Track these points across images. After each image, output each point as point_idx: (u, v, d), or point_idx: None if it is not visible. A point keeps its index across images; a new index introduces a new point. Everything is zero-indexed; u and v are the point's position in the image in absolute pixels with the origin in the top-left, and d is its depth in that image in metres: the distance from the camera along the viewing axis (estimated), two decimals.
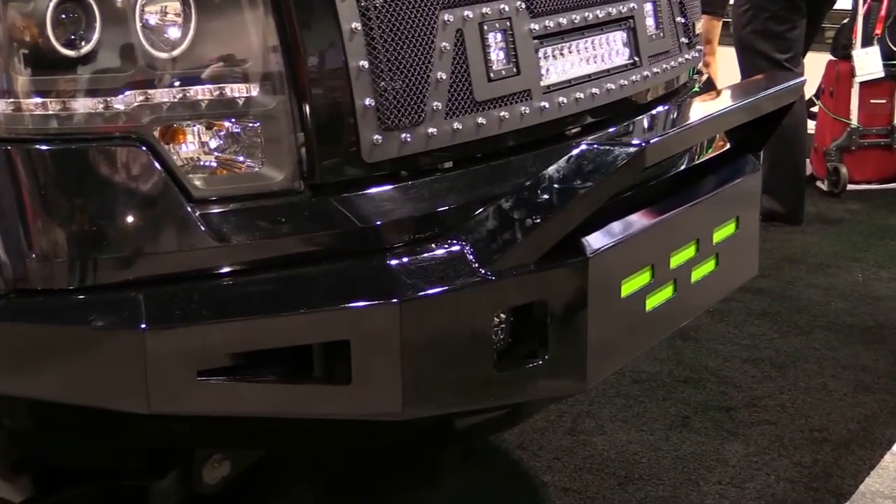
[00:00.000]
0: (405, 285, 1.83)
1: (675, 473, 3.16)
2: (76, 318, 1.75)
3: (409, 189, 1.97)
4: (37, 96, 1.74)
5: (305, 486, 3.09)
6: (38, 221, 1.75)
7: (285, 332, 1.80)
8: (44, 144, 1.75)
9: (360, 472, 3.15)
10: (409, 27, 1.93)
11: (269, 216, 1.85)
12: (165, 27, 1.78)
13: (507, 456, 3.26)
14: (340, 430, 2.10)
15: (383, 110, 1.90)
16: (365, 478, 3.13)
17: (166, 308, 1.75)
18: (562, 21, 2.21)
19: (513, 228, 1.92)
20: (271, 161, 1.85)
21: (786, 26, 5.09)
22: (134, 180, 1.78)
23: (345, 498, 3.05)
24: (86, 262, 1.76)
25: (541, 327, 1.94)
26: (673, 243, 2.19)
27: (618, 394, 3.61)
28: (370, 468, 3.17)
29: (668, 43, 2.53)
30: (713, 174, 2.41)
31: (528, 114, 2.12)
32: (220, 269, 1.81)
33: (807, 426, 3.43)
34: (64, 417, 1.94)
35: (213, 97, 1.81)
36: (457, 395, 1.90)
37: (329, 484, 3.10)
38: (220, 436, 2.09)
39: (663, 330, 2.30)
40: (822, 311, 4.31)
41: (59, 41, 1.73)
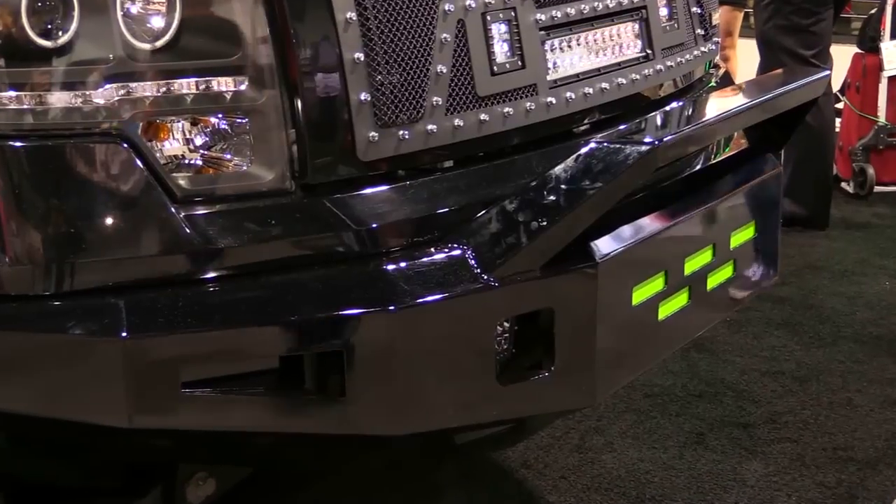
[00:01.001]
0: (402, 292, 1.83)
1: (689, 494, 3.17)
2: (52, 325, 1.76)
3: (407, 189, 1.97)
4: (11, 89, 1.75)
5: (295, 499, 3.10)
6: (11, 223, 1.76)
7: (275, 342, 1.81)
8: (18, 141, 1.76)
9: (353, 492, 3.16)
10: (408, 17, 1.94)
11: (259, 218, 1.85)
12: (148, 16, 1.79)
13: (511, 475, 3.26)
14: (333, 447, 2.11)
15: (380, 106, 1.91)
16: (359, 497, 3.14)
17: (148, 315, 1.76)
18: (570, 11, 2.21)
19: (517, 232, 1.93)
20: (261, 159, 1.86)
21: (811, 20, 5.09)
22: (114, 179, 1.79)
23: None
24: (63, 267, 1.77)
25: (547, 337, 1.95)
26: (687, 248, 2.20)
27: (628, 409, 3.61)
28: (364, 487, 3.17)
29: (682, 35, 2.54)
30: (731, 175, 2.41)
31: (534, 110, 2.13)
32: (206, 274, 1.82)
33: (830, 444, 3.43)
34: (39, 432, 1.95)
35: (198, 91, 1.82)
36: (457, 410, 1.90)
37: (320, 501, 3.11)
38: (204, 451, 2.10)
39: (677, 340, 2.31)
40: (846, 322, 4.32)
41: (35, 31, 1.73)
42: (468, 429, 2.09)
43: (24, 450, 2.10)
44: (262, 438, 1.97)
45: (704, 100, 2.60)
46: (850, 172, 5.87)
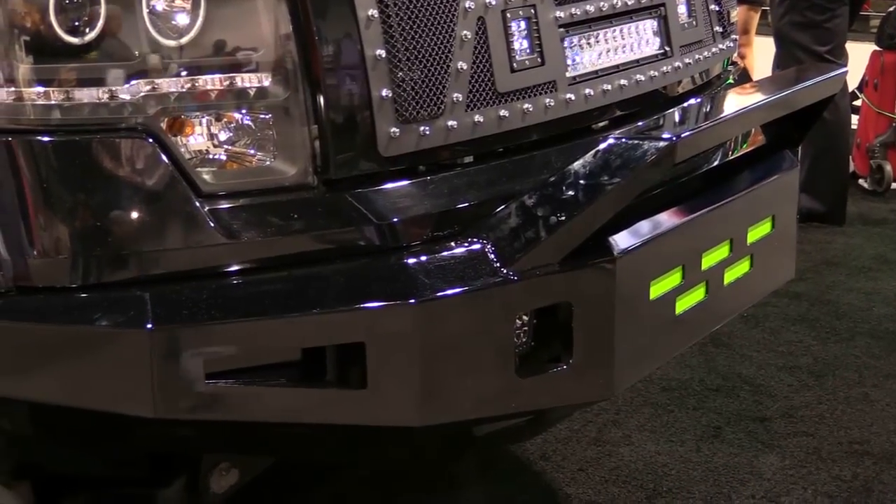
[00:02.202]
0: (423, 285, 1.84)
1: (706, 486, 3.17)
2: (79, 317, 1.77)
3: (427, 184, 1.98)
4: (39, 85, 1.77)
5: (316, 497, 3.11)
6: (39, 216, 1.77)
7: (297, 334, 1.82)
8: (46, 136, 1.78)
9: (373, 484, 3.17)
10: (429, 14, 1.95)
11: (281, 212, 1.86)
12: (173, 13, 1.80)
13: (529, 467, 3.27)
14: (354, 438, 2.11)
15: (401, 102, 1.91)
16: (379, 489, 3.15)
17: (173, 307, 1.77)
18: (589, 8, 2.22)
19: (536, 226, 1.93)
20: (283, 154, 1.87)
21: (826, 16, 5.07)
22: (140, 174, 1.80)
23: None
24: (90, 260, 1.78)
25: (565, 330, 1.95)
26: (705, 243, 2.20)
27: (645, 402, 3.61)
28: (384, 480, 3.18)
29: (701, 32, 2.54)
30: (748, 170, 2.41)
31: (553, 106, 2.14)
32: (230, 267, 1.83)
33: (846, 438, 3.43)
34: (66, 421, 1.96)
35: (222, 87, 1.83)
36: (477, 402, 1.91)
37: (341, 497, 3.12)
38: (228, 442, 2.11)
39: (694, 334, 2.31)
40: (863, 317, 4.31)
41: (63, 28, 1.75)
42: (487, 421, 2.10)
43: (51, 440, 2.11)
44: (285, 429, 1.98)
45: (722, 97, 2.60)
46: (868, 169, 5.85)
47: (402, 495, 3.13)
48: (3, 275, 1.76)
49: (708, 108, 2.53)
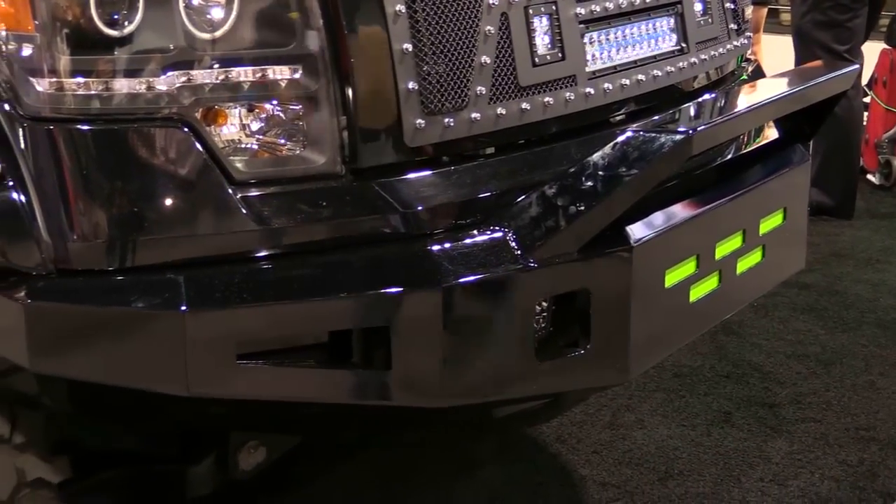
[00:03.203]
0: (447, 271, 1.84)
1: (716, 469, 3.17)
2: (116, 299, 1.78)
3: (451, 174, 1.98)
4: (79, 76, 1.77)
5: (339, 475, 3.12)
6: (79, 202, 1.78)
7: (325, 317, 1.83)
8: (85, 124, 1.79)
9: (393, 464, 3.18)
10: (454, 10, 1.95)
11: (310, 199, 1.87)
12: (208, 7, 1.81)
13: (546, 449, 3.27)
14: (378, 418, 2.13)
15: (426, 94, 1.92)
16: (400, 469, 3.16)
17: (206, 290, 1.78)
18: (608, 5, 2.22)
19: (556, 216, 1.93)
20: (313, 144, 1.88)
21: (847, 15, 5.06)
22: (175, 162, 1.81)
23: (379, 490, 3.08)
24: (126, 244, 1.79)
25: (583, 316, 1.95)
26: (719, 233, 2.20)
27: (658, 388, 3.62)
28: (404, 460, 3.19)
29: (716, 29, 2.53)
30: (761, 164, 2.41)
31: (573, 100, 2.14)
32: (261, 252, 1.84)
33: (853, 424, 3.42)
34: (101, 399, 1.98)
35: (255, 79, 1.84)
36: (497, 384, 1.91)
37: (363, 475, 3.13)
38: (256, 420, 2.12)
39: (707, 322, 2.31)
40: (870, 308, 4.30)
41: (102, 21, 1.76)
42: (507, 403, 2.11)
43: (88, 416, 2.13)
44: (312, 409, 1.99)
45: (736, 92, 2.59)
46: (876, 164, 5.83)
47: (421, 474, 3.15)
48: (45, 257, 1.77)
49: (722, 102, 2.53)
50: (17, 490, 1.93)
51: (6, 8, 1.76)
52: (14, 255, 1.77)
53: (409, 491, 3.06)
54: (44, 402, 1.98)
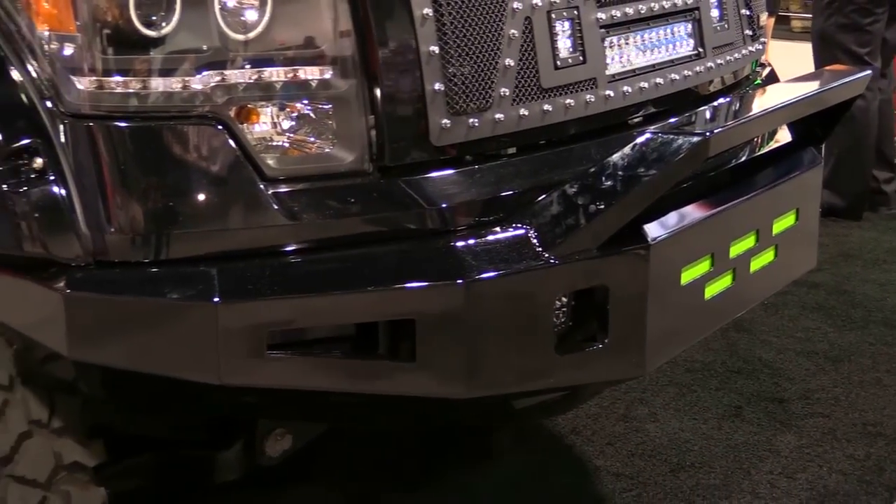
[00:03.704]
0: (470, 267, 1.85)
1: (726, 462, 3.17)
2: (152, 290, 1.78)
3: (474, 173, 1.99)
4: (118, 75, 1.78)
5: (359, 462, 3.13)
6: (116, 196, 1.79)
7: (352, 310, 1.83)
8: (123, 121, 1.79)
9: (412, 453, 3.18)
10: (479, 14, 1.95)
11: (339, 196, 1.88)
12: (242, 10, 1.81)
13: (561, 440, 3.28)
14: (400, 408, 2.13)
15: (452, 95, 1.92)
16: (418, 458, 3.17)
17: (238, 283, 1.78)
18: (628, 11, 2.22)
19: (576, 214, 1.94)
20: (342, 142, 1.88)
21: (869, 19, 5.05)
22: (209, 158, 1.82)
23: (399, 477, 3.09)
24: (162, 237, 1.80)
25: (601, 312, 1.95)
26: (733, 233, 2.20)
27: (671, 382, 3.61)
28: (423, 448, 3.20)
29: (732, 35, 2.53)
30: (775, 166, 2.40)
31: (593, 102, 2.14)
32: (290, 246, 1.84)
33: (860, 420, 3.41)
34: (135, 386, 1.99)
35: (286, 79, 1.84)
36: (518, 376, 1.92)
37: (382, 463, 3.14)
38: (284, 408, 2.13)
39: (721, 318, 2.30)
40: (877, 307, 4.29)
41: (141, 22, 1.76)
42: (527, 395, 2.11)
43: (122, 403, 2.14)
44: (338, 398, 2.00)
45: (751, 96, 2.59)
46: None
47: (440, 463, 3.15)
48: (83, 249, 1.78)
49: (738, 106, 2.52)
50: (55, 472, 1.94)
51: (49, 9, 1.77)
52: (54, 247, 1.78)
53: (429, 480, 3.07)
54: (80, 388, 1.99)
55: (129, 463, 2.29)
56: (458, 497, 3.01)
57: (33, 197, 1.77)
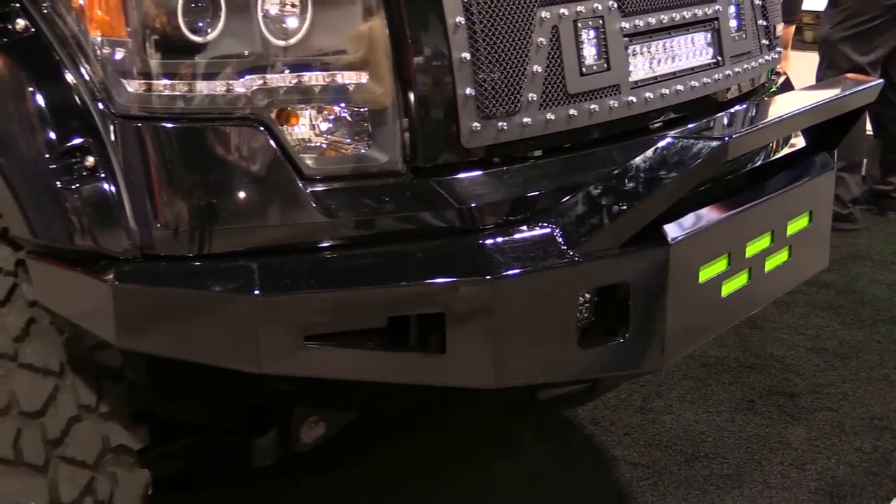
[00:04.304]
0: (498, 263, 1.84)
1: (739, 453, 3.16)
2: (195, 283, 1.79)
3: (503, 174, 1.98)
4: (165, 78, 1.78)
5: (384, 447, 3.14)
6: (163, 193, 1.80)
7: (385, 304, 1.83)
8: (170, 122, 1.79)
9: (438, 442, 3.19)
10: (509, 22, 1.95)
11: (373, 195, 1.88)
12: (284, 17, 1.82)
13: (581, 431, 3.28)
14: (430, 397, 2.13)
15: (482, 100, 1.92)
16: (444, 447, 3.17)
17: (278, 276, 1.78)
18: (651, 20, 2.21)
19: (599, 214, 1.93)
20: (377, 144, 1.88)
21: (874, 32, 5.03)
22: (250, 158, 1.82)
23: (425, 466, 3.09)
24: (205, 232, 1.80)
25: (622, 308, 1.95)
26: (749, 233, 2.19)
27: (686, 376, 3.61)
28: (448, 438, 3.20)
29: (749, 44, 2.52)
30: (789, 170, 2.39)
31: (617, 107, 2.13)
32: (327, 242, 1.84)
33: (867, 414, 3.40)
34: (178, 374, 2.00)
35: (325, 83, 1.84)
36: (542, 368, 1.91)
37: (410, 452, 3.14)
38: (319, 397, 2.13)
39: (736, 316, 2.30)
40: (885, 306, 4.27)
41: (188, 28, 1.77)
42: (550, 386, 2.11)
43: (165, 390, 2.15)
44: (370, 387, 2.00)
45: (767, 103, 2.57)
46: None
47: (465, 451, 3.16)
48: (131, 243, 1.78)
49: (754, 112, 2.51)
50: (102, 455, 1.95)
51: (102, 16, 1.78)
52: (104, 241, 1.79)
53: (454, 467, 3.08)
54: (126, 375, 2.00)
55: (171, 447, 2.30)
56: (482, 482, 3.01)
57: (85, 193, 1.78)
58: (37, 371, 1.91)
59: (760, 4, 2.58)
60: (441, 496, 2.95)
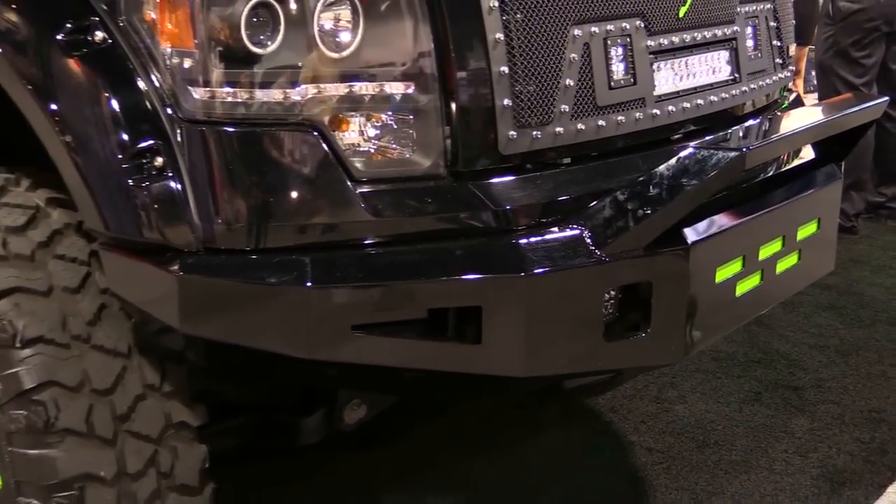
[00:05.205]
0: (531, 261, 1.83)
1: (746, 441, 3.14)
2: (253, 274, 1.78)
3: (536, 179, 1.96)
4: (227, 86, 1.77)
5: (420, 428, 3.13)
6: (224, 192, 1.79)
7: (426, 297, 1.82)
8: (232, 127, 1.78)
9: (470, 426, 3.18)
10: (545, 39, 1.93)
11: (416, 196, 1.86)
12: (338, 31, 1.80)
13: (601, 418, 3.26)
14: (465, 384, 2.12)
15: (519, 110, 1.90)
16: (475, 431, 3.16)
17: (328, 270, 1.77)
18: (674, 39, 2.19)
19: (625, 218, 1.91)
20: (420, 149, 1.87)
21: (864, 52, 4.98)
22: (305, 160, 1.81)
23: (457, 448, 3.08)
24: (262, 228, 1.79)
25: (645, 304, 1.93)
26: (762, 238, 2.16)
27: (698, 369, 3.58)
28: (478, 425, 3.19)
29: (764, 62, 2.49)
30: (799, 179, 2.36)
31: (642, 119, 2.11)
32: (374, 239, 1.83)
33: (866, 407, 3.37)
34: (235, 357, 1.99)
35: (374, 93, 1.83)
36: (570, 359, 1.90)
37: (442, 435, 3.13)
38: (362, 381, 2.13)
39: (749, 314, 2.27)
40: (883, 308, 4.23)
41: (250, 40, 1.76)
42: (576, 376, 2.09)
43: (223, 372, 2.15)
44: (410, 373, 1.99)
45: (779, 118, 2.55)
46: None
47: (494, 435, 3.14)
48: (195, 237, 1.78)
49: (767, 126, 2.48)
50: (165, 430, 1.95)
51: (172, 29, 1.78)
52: (170, 234, 1.78)
53: (483, 449, 3.07)
54: (188, 357, 2.00)
55: (226, 424, 2.29)
56: (510, 461, 3.00)
57: (154, 191, 1.77)
58: (107, 352, 1.91)
59: (775, 26, 2.55)
60: (475, 473, 2.94)
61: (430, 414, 3.09)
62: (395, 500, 2.81)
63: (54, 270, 1.91)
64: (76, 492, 1.85)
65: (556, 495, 2.84)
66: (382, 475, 2.92)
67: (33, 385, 1.83)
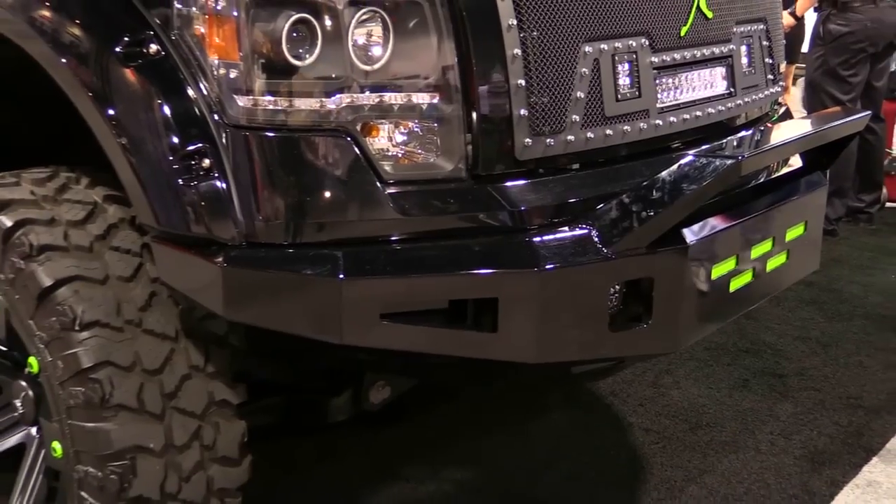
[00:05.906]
0: (544, 258, 1.82)
1: (735, 424, 3.13)
2: (290, 267, 1.78)
3: (548, 183, 1.95)
4: (269, 95, 1.78)
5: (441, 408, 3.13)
6: (265, 191, 1.79)
7: (447, 289, 1.82)
8: (272, 132, 1.79)
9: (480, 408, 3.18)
10: (558, 55, 1.92)
11: (439, 197, 1.86)
12: (370, 46, 1.80)
13: (601, 401, 3.25)
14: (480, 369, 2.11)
15: (534, 119, 1.90)
16: (484, 412, 3.16)
17: (359, 263, 1.77)
18: (676, 56, 2.18)
19: (629, 219, 1.90)
20: (443, 154, 1.86)
21: (851, 71, 4.96)
22: (339, 163, 1.81)
23: (468, 428, 3.08)
24: (299, 225, 1.79)
25: (647, 298, 1.92)
26: (754, 238, 2.15)
27: (691, 357, 3.57)
28: (490, 404, 3.19)
29: (757, 78, 2.48)
30: (788, 185, 2.35)
31: (645, 129, 2.10)
32: (400, 235, 1.83)
33: (845, 394, 3.35)
34: (272, 342, 1.99)
35: (402, 102, 1.83)
36: (578, 348, 1.89)
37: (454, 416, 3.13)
38: (388, 365, 2.12)
39: (742, 308, 2.25)
40: (860, 303, 4.21)
41: (290, 54, 1.76)
42: (583, 363, 2.08)
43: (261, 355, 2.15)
44: (431, 358, 1.98)
45: (771, 129, 2.53)
46: None
47: (502, 416, 3.14)
48: (238, 232, 1.78)
49: (759, 137, 2.47)
50: (208, 407, 1.95)
51: (219, 42, 1.78)
52: (216, 229, 1.79)
53: (492, 428, 3.06)
54: (230, 341, 2.00)
55: (263, 403, 2.30)
56: (520, 439, 3.00)
57: (201, 190, 1.78)
58: (157, 336, 1.91)
59: (767, 45, 2.53)
60: (487, 450, 2.93)
61: (445, 395, 3.09)
62: (414, 471, 2.81)
63: (110, 261, 1.91)
64: (128, 461, 1.86)
65: (559, 471, 2.84)
66: (402, 452, 2.92)
67: (90, 364, 1.84)
